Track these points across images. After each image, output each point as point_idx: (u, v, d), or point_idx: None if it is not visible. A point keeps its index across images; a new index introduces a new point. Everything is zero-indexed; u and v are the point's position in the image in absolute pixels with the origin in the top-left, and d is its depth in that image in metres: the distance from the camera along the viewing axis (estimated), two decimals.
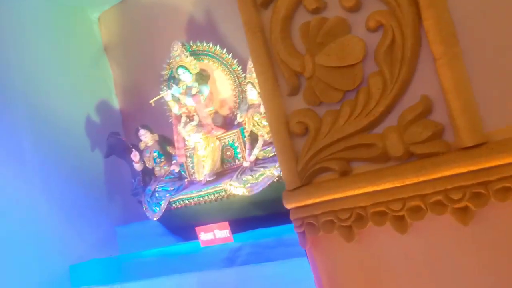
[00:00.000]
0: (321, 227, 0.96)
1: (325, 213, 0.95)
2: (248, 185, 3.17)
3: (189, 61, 3.48)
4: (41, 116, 4.10)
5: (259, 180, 3.12)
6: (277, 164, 3.05)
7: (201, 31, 3.95)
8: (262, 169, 3.12)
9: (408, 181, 0.84)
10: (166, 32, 4.18)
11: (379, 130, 0.88)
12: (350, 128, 0.90)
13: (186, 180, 3.78)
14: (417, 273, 0.87)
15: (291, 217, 1.01)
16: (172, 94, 3.59)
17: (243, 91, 3.44)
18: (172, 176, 3.93)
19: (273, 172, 3.07)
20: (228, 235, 3.13)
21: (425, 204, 0.83)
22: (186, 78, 3.51)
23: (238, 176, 3.23)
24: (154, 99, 3.64)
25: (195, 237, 3.34)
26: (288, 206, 1.00)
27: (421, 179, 0.82)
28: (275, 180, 3.07)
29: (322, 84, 0.92)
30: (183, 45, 3.54)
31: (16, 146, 3.87)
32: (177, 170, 3.86)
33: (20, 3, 4.14)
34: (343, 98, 0.91)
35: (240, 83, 3.50)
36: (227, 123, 3.63)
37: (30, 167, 3.91)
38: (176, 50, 3.51)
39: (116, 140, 4.18)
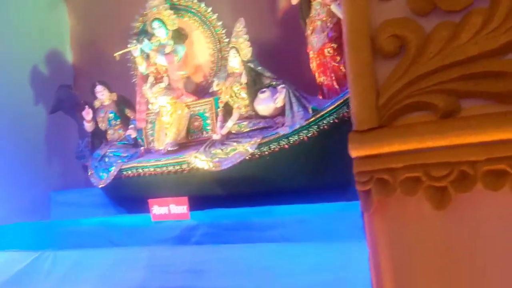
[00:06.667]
0: (399, 186, 0.70)
1: (409, 167, 0.69)
2: (216, 159, 2.86)
3: (167, 14, 3.10)
4: None
5: (229, 155, 2.82)
6: (252, 140, 2.78)
7: None
8: (234, 144, 2.82)
9: None
10: None
11: None
12: (476, 48, 0.64)
13: (142, 147, 3.40)
14: None
15: (355, 169, 0.73)
16: (142, 49, 3.19)
17: (223, 58, 3.12)
18: (126, 142, 3.53)
19: (246, 148, 2.78)
20: (185, 212, 2.83)
21: None
22: (161, 33, 3.14)
23: (206, 148, 2.91)
24: (120, 52, 3.24)
25: (142, 210, 2.99)
26: (354, 152, 0.73)
27: None
28: (247, 157, 2.79)
29: None
30: None
31: None
32: (133, 135, 3.47)
33: None
34: (471, 5, 0.65)
35: (221, 49, 3.17)
36: (199, 91, 3.29)
37: None
38: (155, 0, 3.12)
39: (67, 94, 3.72)
